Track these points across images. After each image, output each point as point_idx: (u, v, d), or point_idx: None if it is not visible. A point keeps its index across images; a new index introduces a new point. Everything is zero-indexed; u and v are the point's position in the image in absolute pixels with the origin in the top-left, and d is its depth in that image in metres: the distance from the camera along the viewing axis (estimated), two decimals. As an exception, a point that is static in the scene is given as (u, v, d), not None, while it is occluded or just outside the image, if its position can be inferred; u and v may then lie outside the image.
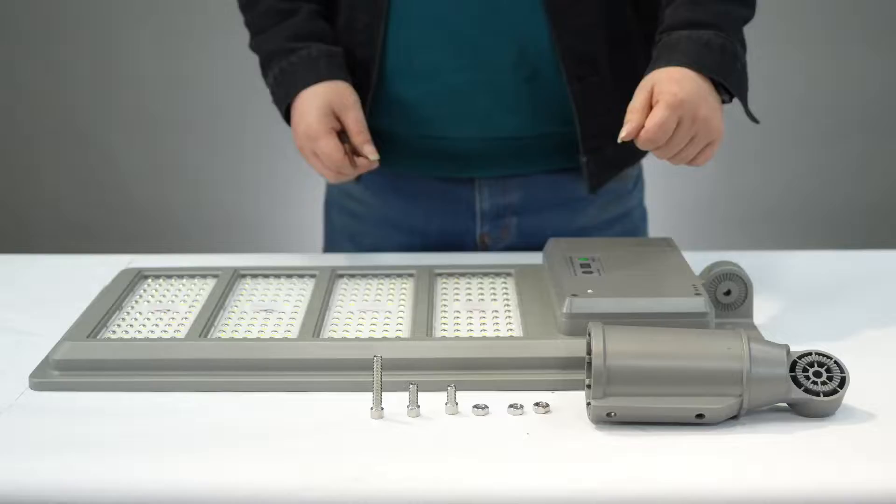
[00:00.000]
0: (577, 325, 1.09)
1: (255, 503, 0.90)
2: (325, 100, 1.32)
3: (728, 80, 1.23)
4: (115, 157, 3.26)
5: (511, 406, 1.03)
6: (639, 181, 1.54)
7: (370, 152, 1.32)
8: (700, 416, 0.97)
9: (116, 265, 1.38)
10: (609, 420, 0.98)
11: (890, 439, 0.97)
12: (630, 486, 0.91)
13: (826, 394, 0.99)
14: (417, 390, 1.03)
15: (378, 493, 0.90)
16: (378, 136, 1.35)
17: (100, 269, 1.36)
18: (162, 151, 3.27)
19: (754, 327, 1.18)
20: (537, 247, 1.40)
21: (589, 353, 1.02)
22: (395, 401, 1.03)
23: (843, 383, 0.99)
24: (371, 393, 1.02)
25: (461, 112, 1.39)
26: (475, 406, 1.02)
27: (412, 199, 1.47)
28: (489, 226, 1.46)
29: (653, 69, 1.22)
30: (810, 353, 1.01)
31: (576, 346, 1.08)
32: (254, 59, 1.42)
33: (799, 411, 1.01)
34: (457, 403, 1.02)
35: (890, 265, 1.40)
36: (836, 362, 1.00)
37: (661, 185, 3.21)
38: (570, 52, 1.35)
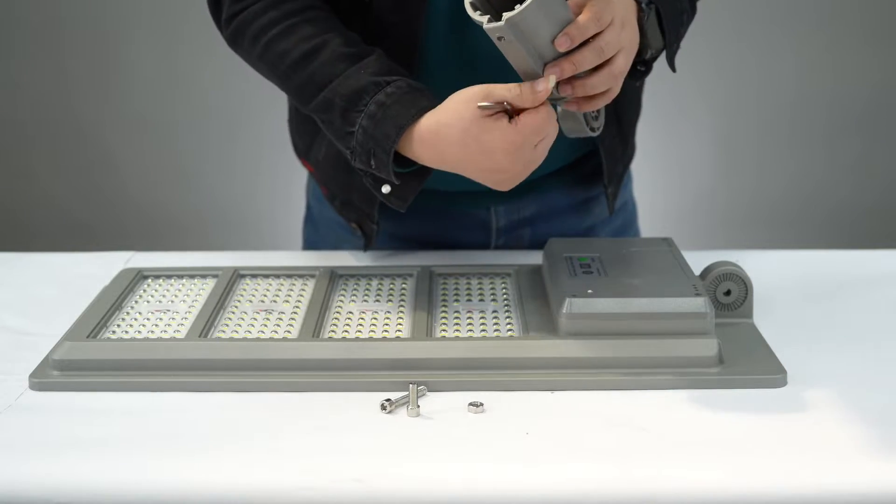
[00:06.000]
0: (577, 326, 1.09)
1: (255, 503, 0.90)
2: (462, 104, 1.10)
3: (666, 14, 1.19)
4: (113, 157, 3.27)
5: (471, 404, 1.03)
6: (630, 173, 1.55)
7: (544, 88, 1.07)
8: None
9: (116, 263, 1.38)
10: (495, 41, 1.05)
11: (891, 438, 0.97)
12: (629, 485, 0.91)
13: (591, 127, 1.21)
14: (417, 390, 1.03)
15: (378, 493, 0.90)
16: None
17: (99, 268, 1.37)
18: (161, 150, 3.27)
19: (754, 327, 1.18)
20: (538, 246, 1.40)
21: None
22: (394, 400, 1.03)
23: (599, 129, 1.22)
24: (370, 393, 1.02)
25: None
26: (472, 405, 1.02)
27: (424, 216, 1.42)
28: (504, 238, 1.45)
29: None
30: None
31: (576, 347, 1.08)
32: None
33: (563, 124, 1.19)
34: (456, 403, 1.02)
35: (890, 265, 1.40)
36: (604, 115, 1.22)
37: (661, 184, 3.23)
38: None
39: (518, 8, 1.03)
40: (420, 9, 1.25)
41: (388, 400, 1.02)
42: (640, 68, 1.25)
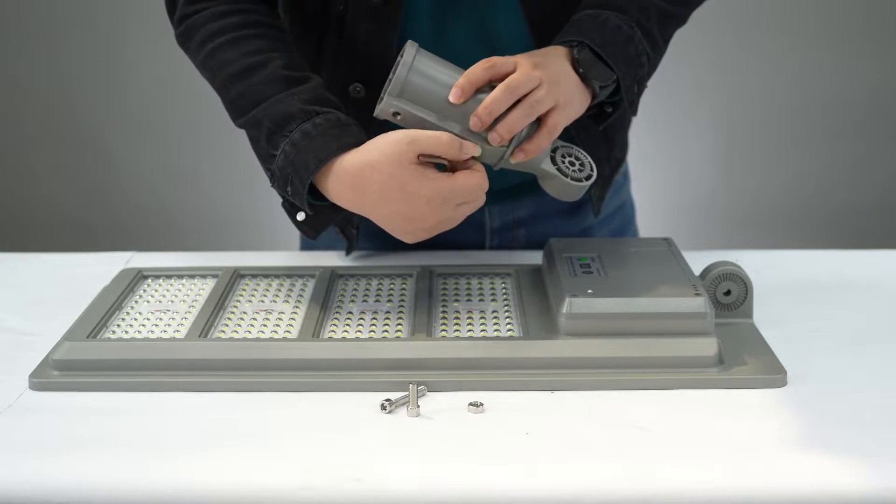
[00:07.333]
0: (577, 326, 1.09)
1: (255, 503, 0.90)
2: (392, 148, 1.09)
3: (615, 59, 1.18)
4: (113, 157, 3.27)
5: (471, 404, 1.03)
6: (627, 173, 1.55)
7: (472, 149, 1.10)
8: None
9: (116, 263, 1.38)
10: (393, 119, 1.12)
11: (891, 438, 0.97)
12: (629, 485, 0.91)
13: (574, 178, 1.15)
14: (417, 390, 1.03)
15: (378, 493, 0.90)
16: None
17: (99, 268, 1.37)
18: (160, 151, 3.27)
19: (754, 327, 1.18)
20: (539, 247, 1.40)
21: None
22: (394, 400, 1.03)
23: (589, 178, 1.15)
24: (370, 393, 1.02)
25: None
26: (472, 405, 1.02)
27: None
28: (498, 239, 1.45)
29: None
30: (571, 147, 1.17)
31: (576, 347, 1.08)
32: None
33: (548, 188, 1.17)
34: (456, 403, 1.02)
35: (890, 265, 1.40)
36: (590, 162, 1.17)
37: (661, 185, 3.23)
38: None
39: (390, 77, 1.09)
40: (395, 17, 1.25)
41: (388, 400, 1.02)
42: (608, 109, 1.24)
